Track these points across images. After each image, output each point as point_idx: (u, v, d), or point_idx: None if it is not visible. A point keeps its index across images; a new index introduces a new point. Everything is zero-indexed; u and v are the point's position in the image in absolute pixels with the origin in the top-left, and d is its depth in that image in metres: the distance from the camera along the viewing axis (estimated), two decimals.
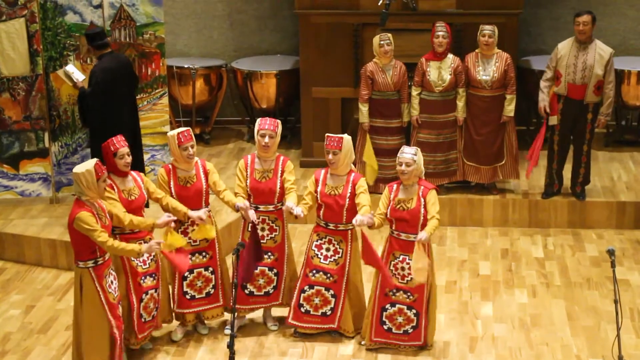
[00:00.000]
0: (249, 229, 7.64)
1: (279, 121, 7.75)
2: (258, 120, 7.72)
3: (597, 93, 9.50)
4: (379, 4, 7.85)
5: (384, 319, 7.60)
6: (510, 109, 9.71)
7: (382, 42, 9.52)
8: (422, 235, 7.25)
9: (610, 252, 6.38)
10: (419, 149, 7.47)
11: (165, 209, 7.46)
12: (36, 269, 9.18)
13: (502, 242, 9.63)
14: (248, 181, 7.68)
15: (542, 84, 9.66)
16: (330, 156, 7.54)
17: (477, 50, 9.67)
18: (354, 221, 7.36)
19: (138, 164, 8.83)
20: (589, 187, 9.98)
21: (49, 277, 9.03)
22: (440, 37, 9.51)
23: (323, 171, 7.71)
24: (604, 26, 11.35)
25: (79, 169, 6.76)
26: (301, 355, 7.72)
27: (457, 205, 9.94)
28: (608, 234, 9.74)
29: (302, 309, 7.79)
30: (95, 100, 8.90)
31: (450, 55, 9.66)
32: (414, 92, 9.74)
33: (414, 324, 7.57)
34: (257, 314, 8.13)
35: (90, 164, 6.78)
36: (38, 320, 8.28)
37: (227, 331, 7.84)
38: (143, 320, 7.42)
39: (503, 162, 9.90)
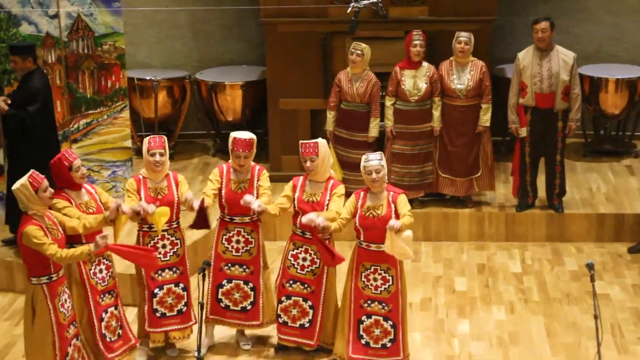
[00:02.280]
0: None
1: (254, 137, 7.77)
2: (231, 136, 7.74)
3: (565, 99, 9.58)
4: (348, 11, 7.88)
5: (361, 332, 7.60)
6: (486, 118, 9.77)
7: (352, 50, 9.55)
8: (395, 222, 7.18)
9: (590, 266, 6.43)
10: (382, 153, 7.50)
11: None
12: None
13: (479, 257, 9.66)
14: (224, 191, 7.70)
15: (511, 100, 9.71)
16: (308, 164, 7.57)
17: (451, 58, 9.72)
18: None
19: None
20: (567, 199, 10.03)
21: (5, 300, 8.99)
22: (417, 45, 9.55)
23: (302, 178, 7.74)
24: (580, 33, 11.47)
25: (16, 185, 6.77)
26: None
27: (432, 219, 9.97)
28: (587, 247, 9.79)
29: (280, 320, 7.80)
30: (40, 117, 8.86)
31: (425, 64, 9.70)
32: (388, 102, 9.76)
33: (392, 336, 7.56)
34: (230, 332, 8.12)
35: (25, 177, 6.78)
36: None
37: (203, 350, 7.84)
38: (109, 340, 7.37)
39: (479, 174, 9.94)
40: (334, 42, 10.25)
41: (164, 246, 7.60)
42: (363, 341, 7.61)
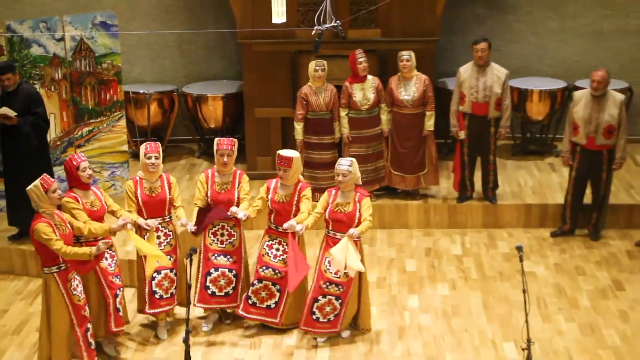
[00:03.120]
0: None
1: (235, 140, 7.82)
2: (216, 139, 7.77)
3: (497, 109, 9.65)
4: (312, 33, 7.91)
5: (314, 309, 7.67)
6: (430, 124, 9.82)
7: (317, 68, 9.59)
8: (354, 231, 7.38)
9: (519, 249, 6.50)
10: (354, 160, 7.57)
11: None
12: (8, 276, 9.08)
13: (426, 242, 9.71)
14: (209, 192, 7.74)
15: (452, 108, 9.80)
16: (281, 172, 7.65)
17: (398, 74, 9.76)
18: (284, 225, 7.47)
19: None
20: (500, 192, 10.10)
21: (20, 284, 8.95)
22: (363, 62, 9.58)
23: (274, 181, 7.79)
24: (510, 51, 11.52)
25: (30, 186, 6.75)
26: (250, 346, 7.75)
27: (385, 210, 10.01)
28: (517, 232, 9.86)
29: (250, 301, 7.83)
30: (45, 117, 8.89)
31: (369, 76, 9.72)
32: (342, 113, 9.77)
33: (335, 313, 7.65)
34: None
35: (37, 180, 6.76)
36: (11, 323, 8.21)
37: (205, 328, 7.89)
38: (120, 313, 7.44)
39: (425, 171, 9.97)
40: (301, 60, 10.26)
41: (158, 237, 7.62)
42: (314, 317, 7.68)
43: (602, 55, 11.43)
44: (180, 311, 8.01)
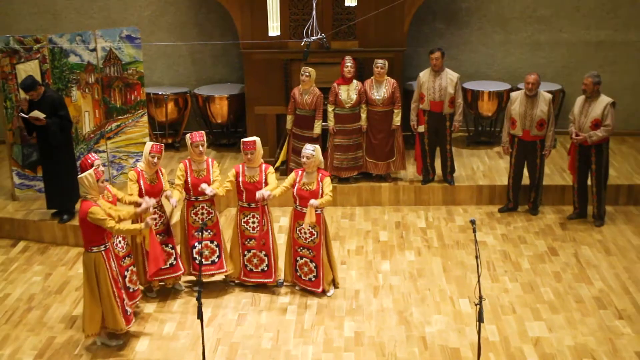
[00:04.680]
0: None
1: (204, 132, 7.80)
2: (188, 135, 7.70)
3: (451, 106, 9.65)
4: (302, 44, 7.89)
5: (297, 267, 7.75)
6: (397, 120, 9.80)
7: (302, 73, 9.57)
8: (314, 201, 7.40)
9: (472, 222, 6.50)
10: (318, 147, 7.56)
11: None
12: (52, 246, 9.05)
13: (396, 216, 9.72)
14: (189, 179, 7.67)
15: (412, 105, 9.80)
16: (249, 155, 7.61)
17: (372, 78, 9.74)
18: (257, 194, 7.47)
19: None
20: (457, 176, 10.11)
21: (61, 252, 8.92)
22: (349, 67, 9.58)
23: (241, 165, 7.74)
24: (464, 59, 11.52)
25: (83, 174, 6.66)
26: (251, 303, 7.75)
27: (363, 190, 10.00)
28: (471, 208, 9.88)
29: (247, 268, 7.83)
30: (68, 118, 8.80)
31: (355, 81, 9.71)
32: (329, 108, 9.77)
33: (315, 274, 7.68)
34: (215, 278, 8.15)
35: (91, 169, 6.68)
36: (55, 284, 8.20)
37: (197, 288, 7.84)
38: (131, 290, 7.31)
39: (394, 159, 9.98)
40: (292, 67, 10.22)
41: (154, 219, 7.40)
42: (298, 273, 7.75)
43: (539, 62, 11.45)
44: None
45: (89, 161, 7.12)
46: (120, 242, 7.25)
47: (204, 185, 7.59)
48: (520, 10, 11.42)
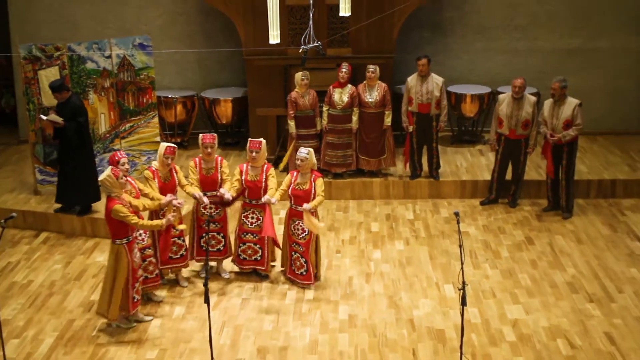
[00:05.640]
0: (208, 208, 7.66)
1: (216, 135, 7.71)
2: (201, 135, 7.66)
3: (437, 108, 9.63)
4: (300, 51, 7.88)
5: (292, 262, 7.71)
6: (388, 120, 9.78)
7: (302, 77, 9.54)
8: (306, 205, 7.37)
9: (456, 214, 6.50)
10: (311, 150, 7.52)
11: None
12: (70, 237, 9.02)
13: (386, 209, 9.70)
14: (198, 176, 7.66)
15: (403, 108, 9.78)
16: (253, 154, 7.55)
17: (364, 82, 9.73)
18: (263, 199, 7.45)
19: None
20: (442, 171, 10.10)
21: (79, 242, 8.90)
22: (344, 72, 9.57)
23: (245, 165, 7.69)
24: (449, 65, 11.49)
25: (101, 176, 6.58)
26: (253, 289, 7.75)
27: (356, 185, 9.98)
28: (455, 202, 9.86)
29: (241, 257, 7.82)
30: (86, 125, 8.74)
31: (349, 85, 9.69)
32: (324, 109, 9.74)
33: (305, 269, 7.64)
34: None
35: (108, 170, 6.62)
36: (74, 271, 8.18)
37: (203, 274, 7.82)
38: (147, 278, 7.32)
39: (385, 156, 9.95)
40: (291, 72, 10.18)
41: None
42: (293, 267, 7.72)
43: (517, 68, 11.41)
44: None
45: (117, 158, 7.01)
46: (141, 234, 7.23)
47: (223, 190, 7.54)
48: (500, 20, 11.42)
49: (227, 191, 7.54)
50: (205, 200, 7.57)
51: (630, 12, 11.34)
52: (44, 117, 8.61)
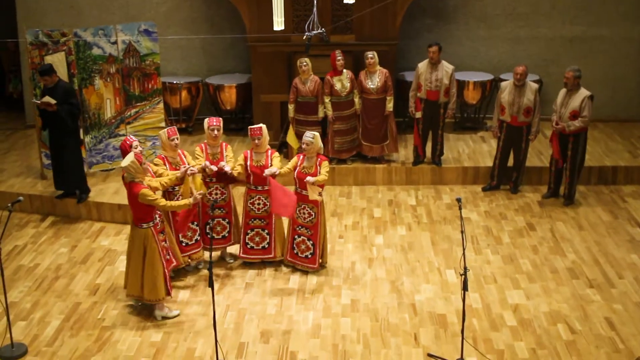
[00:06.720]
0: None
1: (221, 119, 7.62)
2: (206, 119, 7.58)
3: (446, 96, 9.58)
4: (304, 38, 7.83)
5: (294, 245, 7.64)
6: (389, 106, 9.72)
7: (300, 64, 9.48)
8: (310, 178, 7.29)
9: (458, 200, 6.48)
10: (317, 134, 7.44)
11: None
12: (77, 220, 9.01)
13: (389, 195, 9.67)
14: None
15: (411, 93, 9.72)
16: (256, 141, 7.49)
17: (365, 69, 9.67)
18: (266, 171, 7.33)
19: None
20: (444, 158, 10.07)
21: (85, 226, 8.88)
22: (341, 60, 9.50)
23: (249, 151, 7.63)
24: (452, 52, 11.42)
25: (125, 162, 6.46)
26: (256, 275, 7.72)
27: (359, 171, 9.95)
28: (457, 188, 9.83)
29: (248, 246, 7.76)
30: (78, 106, 8.67)
31: (345, 70, 9.61)
32: (327, 99, 9.66)
33: (311, 251, 7.59)
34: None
35: (131, 156, 6.50)
36: (79, 255, 8.17)
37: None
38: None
39: (387, 142, 9.91)
40: (295, 58, 10.10)
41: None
42: (295, 251, 7.65)
43: (519, 55, 11.35)
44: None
45: (128, 142, 6.96)
46: (156, 218, 7.19)
47: (222, 163, 7.46)
48: (502, 7, 11.33)
49: (226, 165, 7.48)
50: (213, 167, 7.38)
51: (631, 0, 11.25)
52: (37, 101, 8.56)
